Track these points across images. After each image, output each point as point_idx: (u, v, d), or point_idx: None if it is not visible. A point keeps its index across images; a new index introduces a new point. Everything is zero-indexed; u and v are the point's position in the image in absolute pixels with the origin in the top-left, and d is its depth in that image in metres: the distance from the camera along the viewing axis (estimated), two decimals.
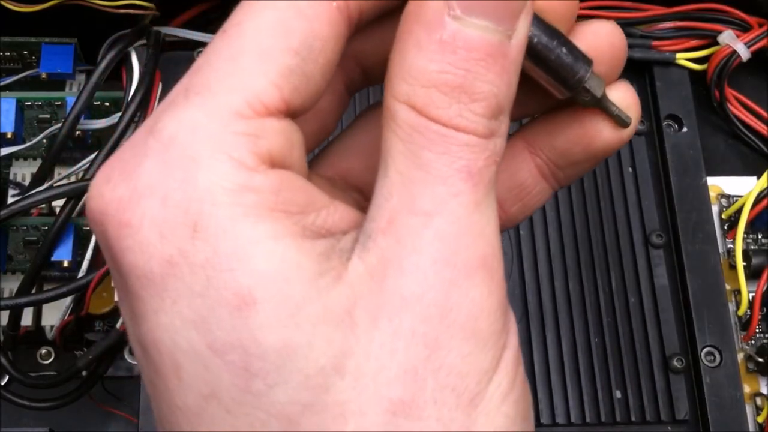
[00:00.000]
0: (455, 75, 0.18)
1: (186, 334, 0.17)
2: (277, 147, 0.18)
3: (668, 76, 0.43)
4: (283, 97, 0.18)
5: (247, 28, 0.19)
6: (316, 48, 0.19)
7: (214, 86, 0.18)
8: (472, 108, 0.18)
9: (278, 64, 0.18)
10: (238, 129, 0.18)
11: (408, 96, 0.19)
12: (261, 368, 0.17)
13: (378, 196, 0.19)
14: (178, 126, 0.18)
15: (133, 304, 0.18)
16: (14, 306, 0.34)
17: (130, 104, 0.36)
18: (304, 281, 0.18)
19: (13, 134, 0.37)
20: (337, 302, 0.18)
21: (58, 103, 0.38)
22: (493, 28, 0.18)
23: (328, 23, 0.19)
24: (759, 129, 0.44)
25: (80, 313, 0.36)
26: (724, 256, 0.41)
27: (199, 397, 0.17)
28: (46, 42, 0.39)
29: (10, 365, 0.35)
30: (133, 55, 0.38)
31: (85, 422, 0.39)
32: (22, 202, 0.34)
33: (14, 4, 0.37)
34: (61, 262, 0.35)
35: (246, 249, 0.17)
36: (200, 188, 0.17)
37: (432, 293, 0.18)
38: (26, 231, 0.36)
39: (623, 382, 0.37)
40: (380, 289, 0.18)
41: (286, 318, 0.17)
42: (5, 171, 0.39)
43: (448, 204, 0.18)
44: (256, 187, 0.18)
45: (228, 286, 0.17)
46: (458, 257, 0.18)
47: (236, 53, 0.19)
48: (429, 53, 0.18)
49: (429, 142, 0.18)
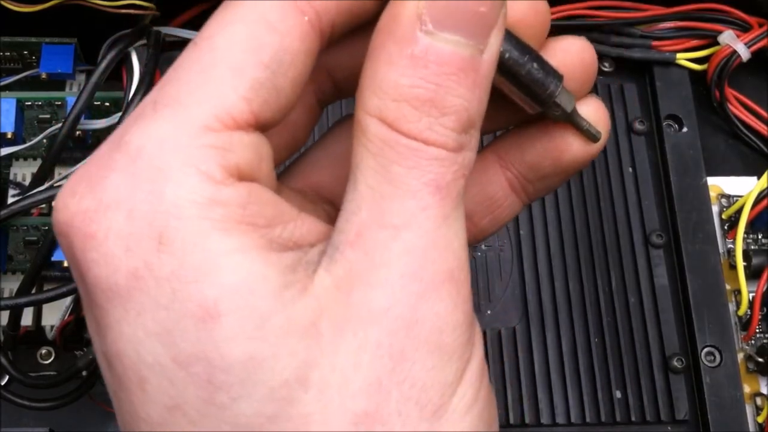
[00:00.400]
0: (426, 89, 0.18)
1: (150, 346, 0.17)
2: (246, 160, 0.18)
3: (668, 76, 0.43)
4: (253, 110, 0.18)
5: (218, 42, 0.19)
6: (286, 62, 0.19)
7: (184, 99, 0.18)
8: (442, 122, 0.19)
9: (248, 78, 0.18)
10: (207, 142, 0.18)
11: (379, 110, 0.19)
12: (225, 381, 0.17)
13: (346, 209, 0.19)
14: (146, 138, 0.18)
15: (97, 315, 0.18)
16: (14, 306, 0.34)
17: (130, 104, 0.36)
18: (270, 293, 0.17)
19: (13, 134, 0.37)
20: (302, 314, 0.18)
21: (58, 103, 0.38)
22: (465, 43, 0.19)
23: (299, 38, 0.19)
24: (759, 129, 0.44)
25: (80, 313, 0.36)
26: (724, 256, 0.41)
27: (164, 409, 0.17)
28: (46, 42, 0.39)
29: (10, 365, 0.35)
30: (133, 55, 0.38)
31: (85, 422, 0.39)
32: (22, 202, 0.34)
33: (14, 4, 0.37)
34: (61, 262, 0.35)
35: (212, 261, 0.17)
36: (167, 201, 0.17)
37: (399, 307, 0.18)
38: (26, 231, 0.36)
39: (623, 382, 0.37)
40: (347, 302, 0.18)
41: (250, 330, 0.17)
42: (5, 171, 0.39)
43: (417, 218, 0.18)
44: (223, 201, 0.18)
45: (193, 298, 0.17)
46: (425, 271, 0.18)
47: (206, 66, 0.18)
48: (400, 68, 0.18)
49: (399, 156, 0.18)
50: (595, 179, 0.41)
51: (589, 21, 0.42)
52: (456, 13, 0.18)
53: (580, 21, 0.41)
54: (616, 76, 0.43)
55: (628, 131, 0.42)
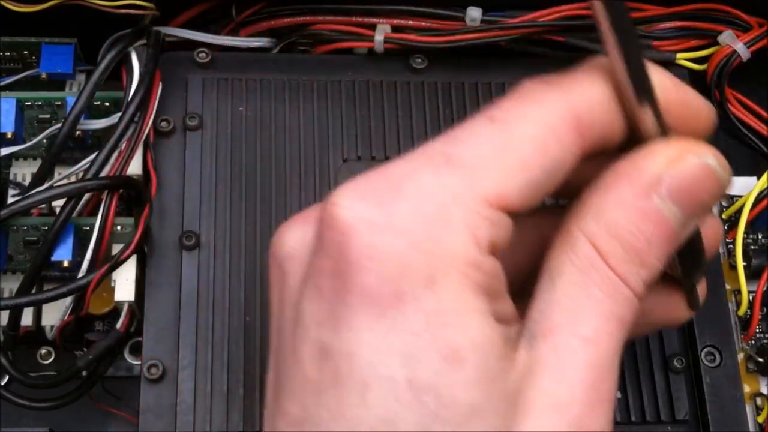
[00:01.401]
0: (638, 240, 0.22)
1: (389, 361, 0.19)
2: (500, 239, 0.21)
3: None
4: (521, 201, 0.22)
5: (514, 131, 0.22)
6: (559, 171, 0.22)
7: (478, 169, 0.21)
8: (639, 272, 0.22)
9: (530, 175, 0.21)
10: (485, 213, 0.21)
11: (594, 236, 0.22)
12: (447, 416, 0.19)
13: (541, 303, 0.22)
14: (438, 186, 0.21)
15: (340, 310, 0.20)
16: (14, 306, 0.34)
17: (130, 104, 0.36)
18: (496, 357, 0.20)
19: (13, 134, 0.37)
20: (510, 383, 0.21)
21: (58, 103, 0.38)
22: (680, 218, 0.22)
23: (573, 154, 0.22)
24: (759, 129, 0.44)
25: (80, 313, 0.36)
26: (724, 256, 0.41)
27: (376, 418, 0.19)
28: (46, 42, 0.39)
29: (10, 365, 0.35)
30: (133, 55, 0.38)
31: (85, 422, 0.39)
32: (22, 202, 0.34)
33: (14, 4, 0.37)
34: (61, 262, 0.35)
35: (465, 314, 0.20)
36: (445, 248, 0.20)
37: (578, 407, 0.21)
38: (26, 231, 0.36)
39: (623, 382, 0.37)
40: (537, 386, 0.21)
41: (482, 382, 0.20)
42: (5, 171, 0.39)
43: (603, 339, 0.22)
44: (481, 267, 0.21)
45: (444, 338, 0.19)
46: (601, 386, 0.21)
47: (501, 148, 0.21)
48: (626, 213, 0.22)
49: (601, 282, 0.22)
50: None
51: (589, 21, 0.41)
52: (689, 195, 0.22)
53: (580, 21, 0.41)
54: None
55: None
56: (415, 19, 0.42)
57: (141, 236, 0.35)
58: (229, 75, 0.40)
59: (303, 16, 0.42)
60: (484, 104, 0.41)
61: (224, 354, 0.35)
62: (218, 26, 0.42)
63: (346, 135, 0.40)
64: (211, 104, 0.39)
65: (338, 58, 0.42)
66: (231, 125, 0.39)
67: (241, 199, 0.38)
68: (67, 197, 0.35)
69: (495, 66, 0.42)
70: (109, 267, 0.34)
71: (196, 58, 0.40)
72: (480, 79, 0.41)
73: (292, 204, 0.38)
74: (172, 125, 0.39)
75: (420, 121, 0.40)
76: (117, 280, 0.36)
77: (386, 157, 0.39)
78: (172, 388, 0.34)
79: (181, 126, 0.39)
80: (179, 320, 0.35)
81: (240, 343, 0.35)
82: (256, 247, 0.37)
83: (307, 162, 0.39)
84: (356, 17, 0.42)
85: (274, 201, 0.38)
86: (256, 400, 0.34)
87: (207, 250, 0.37)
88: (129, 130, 0.36)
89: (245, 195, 0.38)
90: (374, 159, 0.39)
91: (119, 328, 0.36)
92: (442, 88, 0.41)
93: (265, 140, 0.39)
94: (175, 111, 0.39)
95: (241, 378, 0.35)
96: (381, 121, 0.40)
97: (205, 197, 0.38)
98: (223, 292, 0.36)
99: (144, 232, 0.35)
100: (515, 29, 0.41)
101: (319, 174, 0.39)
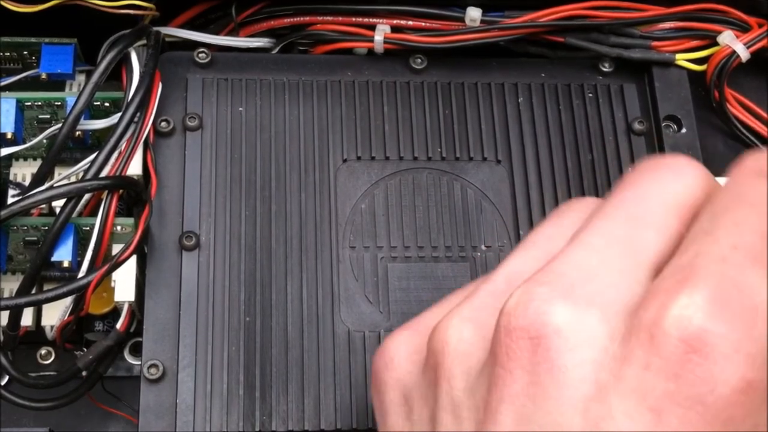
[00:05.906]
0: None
1: None
2: None
3: (667, 76, 0.43)
4: None
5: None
6: None
7: (597, 300, 0.21)
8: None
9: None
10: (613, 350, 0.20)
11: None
12: None
13: None
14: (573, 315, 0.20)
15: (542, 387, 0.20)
16: (14, 306, 0.34)
17: (130, 104, 0.36)
18: None
19: (13, 134, 0.37)
20: None
21: (58, 103, 0.38)
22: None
23: None
24: (759, 129, 0.44)
25: (80, 313, 0.36)
26: None
27: None
28: (46, 42, 0.39)
29: (10, 365, 0.35)
30: (133, 55, 0.38)
31: (85, 422, 0.39)
32: (22, 202, 0.34)
33: (14, 4, 0.37)
34: (61, 262, 0.35)
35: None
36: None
37: None
38: (26, 231, 0.36)
39: None
40: None
41: None
42: (5, 171, 0.39)
43: None
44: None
45: None
46: None
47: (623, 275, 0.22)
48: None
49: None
50: (595, 180, 0.41)
51: (589, 21, 0.42)
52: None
53: (580, 21, 0.41)
54: (615, 76, 0.43)
55: (627, 132, 0.42)
56: (414, 19, 0.42)
57: (141, 236, 0.35)
58: (229, 75, 0.40)
59: (303, 16, 0.42)
60: (484, 104, 0.41)
61: (224, 354, 0.35)
62: (218, 26, 0.42)
63: (346, 135, 0.40)
64: (210, 104, 0.39)
65: (338, 58, 0.42)
66: (231, 125, 0.39)
67: (241, 199, 0.38)
68: (67, 197, 0.35)
69: (495, 66, 0.42)
70: (109, 267, 0.34)
71: (195, 58, 0.40)
72: (480, 79, 0.41)
73: (292, 204, 0.38)
74: (172, 125, 0.39)
75: (420, 121, 0.40)
76: (117, 280, 0.36)
77: (386, 157, 0.39)
78: (171, 388, 0.34)
79: (181, 126, 0.39)
80: (179, 320, 0.35)
81: (240, 343, 0.35)
82: (256, 247, 0.37)
83: (307, 162, 0.39)
84: (356, 17, 0.42)
85: (274, 201, 0.38)
86: (256, 400, 0.34)
87: (207, 250, 0.37)
88: (129, 131, 0.36)
89: (245, 195, 0.38)
90: (374, 159, 0.39)
91: (119, 329, 0.36)
92: (441, 88, 0.41)
93: (265, 140, 0.39)
94: (175, 111, 0.39)
95: (241, 378, 0.35)
96: (381, 121, 0.40)
97: (205, 197, 0.38)
98: (223, 292, 0.36)
99: (144, 232, 0.35)
100: (515, 29, 0.41)
101: (319, 174, 0.39)
